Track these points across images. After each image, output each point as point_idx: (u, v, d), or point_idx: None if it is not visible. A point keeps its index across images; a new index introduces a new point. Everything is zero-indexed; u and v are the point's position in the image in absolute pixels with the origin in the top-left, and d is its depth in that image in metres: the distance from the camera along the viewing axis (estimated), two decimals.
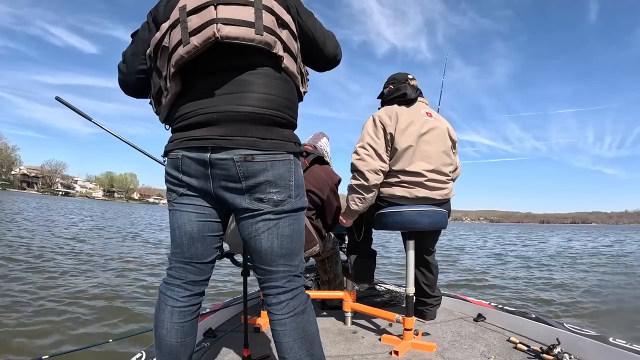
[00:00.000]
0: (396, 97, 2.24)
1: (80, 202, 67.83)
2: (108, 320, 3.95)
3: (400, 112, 2.15)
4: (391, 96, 2.27)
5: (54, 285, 5.15)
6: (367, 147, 2.10)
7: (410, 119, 2.13)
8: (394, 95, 2.25)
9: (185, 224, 1.23)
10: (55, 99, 2.13)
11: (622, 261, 12.38)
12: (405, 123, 2.11)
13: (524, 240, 24.47)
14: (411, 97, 2.22)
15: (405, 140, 2.09)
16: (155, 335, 1.26)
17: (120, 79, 1.34)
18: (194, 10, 1.09)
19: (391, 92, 2.29)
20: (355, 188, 2.12)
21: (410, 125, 2.12)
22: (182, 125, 1.19)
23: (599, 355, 1.73)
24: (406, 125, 2.11)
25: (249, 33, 1.09)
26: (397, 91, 2.25)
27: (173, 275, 1.27)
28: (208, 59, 1.15)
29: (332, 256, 2.62)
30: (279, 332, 1.20)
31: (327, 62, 1.40)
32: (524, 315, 2.25)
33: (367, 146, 2.10)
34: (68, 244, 9.39)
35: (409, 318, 1.97)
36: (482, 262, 11.03)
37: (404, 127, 2.10)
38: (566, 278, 8.38)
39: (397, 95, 2.24)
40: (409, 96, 2.21)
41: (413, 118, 2.15)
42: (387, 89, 2.36)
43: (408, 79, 2.33)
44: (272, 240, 1.19)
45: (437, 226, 2.12)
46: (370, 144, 2.10)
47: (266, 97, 1.16)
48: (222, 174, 1.15)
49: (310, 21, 1.29)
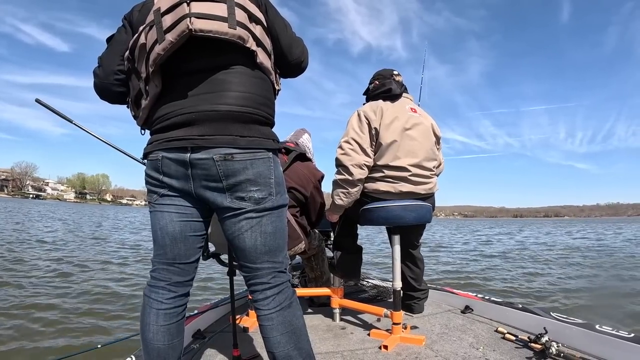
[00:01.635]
0: (381, 93, 2.24)
1: (52, 205, 65.90)
2: (96, 326, 3.89)
3: (385, 107, 2.14)
4: (376, 92, 2.27)
5: (37, 293, 5.03)
6: (352, 142, 2.09)
7: (394, 114, 2.13)
8: (379, 91, 2.26)
9: (167, 225, 1.22)
10: (35, 101, 2.09)
11: (604, 251, 12.73)
12: (389, 118, 2.11)
13: (499, 234, 25.00)
14: (396, 92, 2.23)
15: (389, 135, 2.09)
16: (142, 339, 1.25)
17: (96, 83, 1.30)
18: (167, 10, 1.10)
19: (376, 88, 2.29)
20: (339, 183, 2.11)
21: (395, 121, 2.11)
22: (161, 127, 1.18)
23: (586, 342, 1.76)
24: (391, 120, 2.11)
25: (222, 27, 1.10)
26: (382, 87, 2.26)
27: (157, 277, 1.26)
28: (184, 60, 1.16)
29: (318, 253, 2.61)
30: (266, 327, 1.21)
31: (292, 67, 1.36)
32: (511, 305, 2.27)
33: (352, 141, 2.09)
34: (45, 249, 9.16)
35: (397, 312, 1.98)
36: (463, 257, 11.21)
37: (388, 122, 2.10)
38: (548, 269, 8.56)
39: (382, 90, 2.24)
40: (394, 91, 2.22)
41: (398, 113, 2.14)
42: (372, 84, 2.36)
43: (393, 75, 2.33)
44: (255, 238, 1.19)
45: (421, 220, 2.13)
46: (355, 138, 2.09)
47: (243, 95, 1.16)
48: (203, 173, 1.15)
49: (277, 22, 1.28)
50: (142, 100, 1.22)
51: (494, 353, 1.77)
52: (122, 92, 1.30)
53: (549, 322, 1.94)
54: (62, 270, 6.58)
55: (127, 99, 1.32)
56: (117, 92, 1.30)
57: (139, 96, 1.23)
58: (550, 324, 1.92)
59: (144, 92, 1.20)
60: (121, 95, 1.32)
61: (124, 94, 1.31)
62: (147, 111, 1.23)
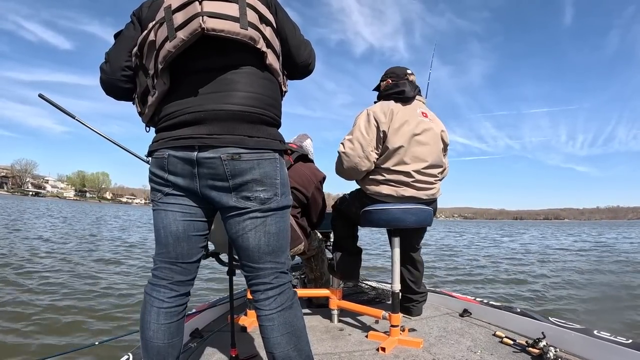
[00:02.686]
0: (393, 93, 2.17)
1: (51, 203, 65.78)
2: (94, 323, 3.88)
3: (395, 110, 2.09)
4: (388, 91, 2.20)
5: (38, 290, 5.04)
6: (355, 143, 2.07)
7: (405, 118, 2.08)
8: (391, 91, 2.18)
9: (170, 224, 1.22)
10: (38, 96, 2.10)
11: (606, 255, 12.66)
12: (399, 122, 2.06)
13: (502, 236, 24.98)
14: (409, 95, 2.16)
15: (397, 140, 2.05)
16: (141, 337, 1.25)
17: (102, 79, 1.29)
18: (178, 7, 1.10)
19: (389, 87, 2.22)
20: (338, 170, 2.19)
21: (405, 125, 2.07)
22: (168, 125, 1.18)
23: (584, 348, 1.76)
24: (400, 125, 2.06)
25: (234, 27, 1.10)
26: (395, 87, 2.18)
27: (158, 275, 1.26)
28: (193, 58, 1.16)
29: (318, 254, 2.61)
30: (266, 327, 1.20)
31: (299, 69, 1.37)
32: (509, 309, 2.27)
33: (356, 142, 2.07)
34: (44, 247, 9.14)
35: (395, 315, 1.98)
36: (465, 259, 11.21)
37: (397, 127, 2.06)
38: (549, 273, 8.55)
39: (395, 91, 2.17)
40: (407, 94, 2.15)
41: (408, 117, 2.09)
42: (384, 82, 2.31)
43: (407, 75, 2.26)
44: (259, 238, 1.19)
45: (422, 224, 2.11)
46: (359, 140, 2.06)
47: (252, 95, 1.16)
48: (209, 172, 1.15)
49: (287, 24, 1.29)
50: (149, 97, 1.22)
51: (491, 357, 1.78)
52: (128, 89, 1.30)
53: (547, 326, 1.94)
54: (59, 268, 6.57)
55: (133, 95, 1.32)
56: (123, 89, 1.30)
57: (146, 93, 1.23)
58: (549, 328, 1.92)
59: (151, 89, 1.20)
60: (127, 92, 1.31)
61: (130, 90, 1.30)
62: (153, 108, 1.23)
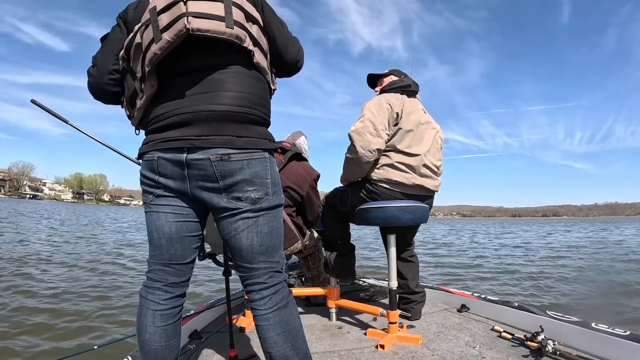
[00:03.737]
0: (399, 87, 2.24)
1: (48, 205, 65.56)
2: (92, 327, 3.86)
3: (404, 99, 2.16)
4: (394, 85, 2.26)
5: (34, 294, 5.00)
6: (366, 121, 2.05)
7: (412, 108, 2.15)
8: (397, 85, 2.25)
9: (163, 225, 1.22)
10: (31, 101, 2.07)
11: (603, 250, 12.74)
12: (409, 109, 2.13)
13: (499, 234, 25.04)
14: (414, 89, 2.26)
15: (409, 123, 2.09)
16: (138, 341, 1.24)
17: (90, 83, 1.28)
18: (163, 9, 1.08)
19: (394, 82, 2.28)
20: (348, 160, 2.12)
21: (413, 113, 2.13)
22: (157, 127, 1.18)
23: (582, 341, 1.77)
24: (411, 111, 2.12)
25: (219, 26, 1.09)
26: (402, 82, 2.27)
27: (153, 278, 1.25)
28: (179, 59, 1.15)
29: (314, 253, 2.60)
30: (262, 327, 1.20)
31: (287, 67, 1.37)
32: (507, 304, 2.28)
33: (366, 120, 2.05)
34: (43, 250, 9.09)
35: (393, 311, 1.98)
36: (459, 256, 11.23)
37: (409, 112, 2.11)
38: (544, 268, 8.59)
39: (402, 85, 2.24)
40: (413, 88, 2.25)
41: (414, 108, 2.16)
42: (387, 77, 2.37)
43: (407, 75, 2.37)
44: (251, 238, 1.19)
45: (418, 221, 2.14)
46: (370, 118, 2.05)
47: (240, 95, 1.16)
48: (199, 174, 1.14)
49: (274, 22, 1.28)
50: (137, 100, 1.21)
51: (490, 352, 1.78)
52: (116, 92, 1.29)
53: (545, 320, 1.95)
54: (56, 271, 6.55)
55: (121, 98, 1.31)
56: (111, 92, 1.29)
57: (134, 96, 1.22)
58: (547, 322, 1.93)
59: (139, 91, 1.19)
60: (116, 95, 1.31)
61: (118, 93, 1.30)
62: (142, 111, 1.22)
